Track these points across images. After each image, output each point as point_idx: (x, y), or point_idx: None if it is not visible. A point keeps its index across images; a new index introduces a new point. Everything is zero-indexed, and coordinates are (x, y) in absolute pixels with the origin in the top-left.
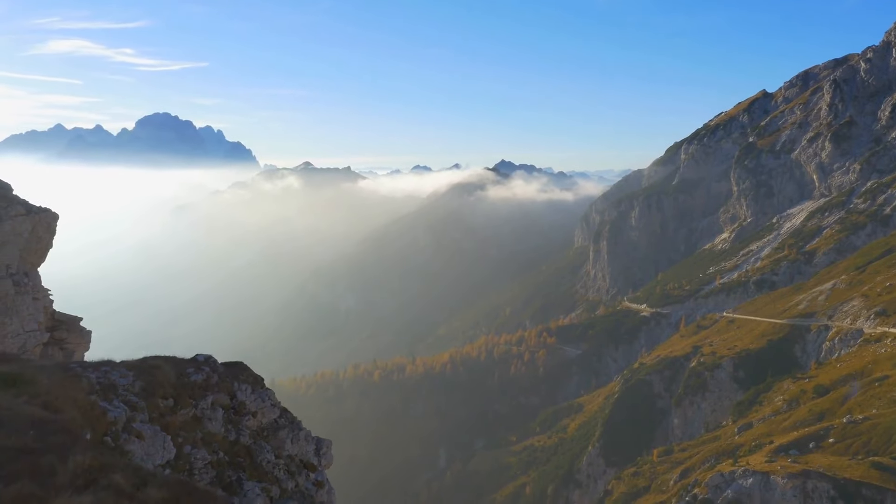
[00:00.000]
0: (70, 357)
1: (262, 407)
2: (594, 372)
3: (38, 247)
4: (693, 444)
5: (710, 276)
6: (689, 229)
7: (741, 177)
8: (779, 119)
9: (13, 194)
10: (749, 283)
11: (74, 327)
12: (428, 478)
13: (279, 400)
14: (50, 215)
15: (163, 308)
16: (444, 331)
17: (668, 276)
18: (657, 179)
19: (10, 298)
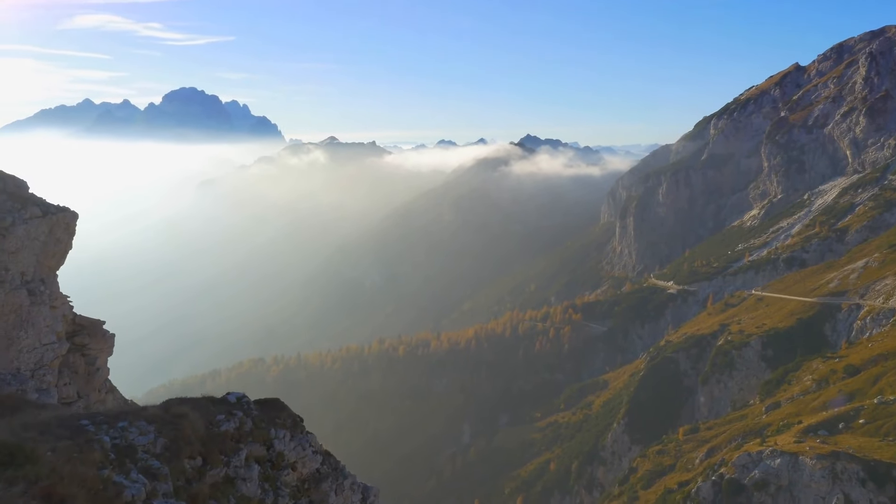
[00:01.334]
0: (92, 363)
1: (302, 456)
2: (620, 349)
3: (57, 250)
4: (719, 422)
5: (739, 254)
6: (717, 205)
7: (772, 152)
8: (812, 93)
9: (29, 193)
10: (779, 260)
11: (96, 332)
12: (452, 453)
13: (320, 443)
14: (69, 215)
15: (189, 283)
16: (469, 306)
17: (696, 253)
18: (685, 154)
19: (25, 310)
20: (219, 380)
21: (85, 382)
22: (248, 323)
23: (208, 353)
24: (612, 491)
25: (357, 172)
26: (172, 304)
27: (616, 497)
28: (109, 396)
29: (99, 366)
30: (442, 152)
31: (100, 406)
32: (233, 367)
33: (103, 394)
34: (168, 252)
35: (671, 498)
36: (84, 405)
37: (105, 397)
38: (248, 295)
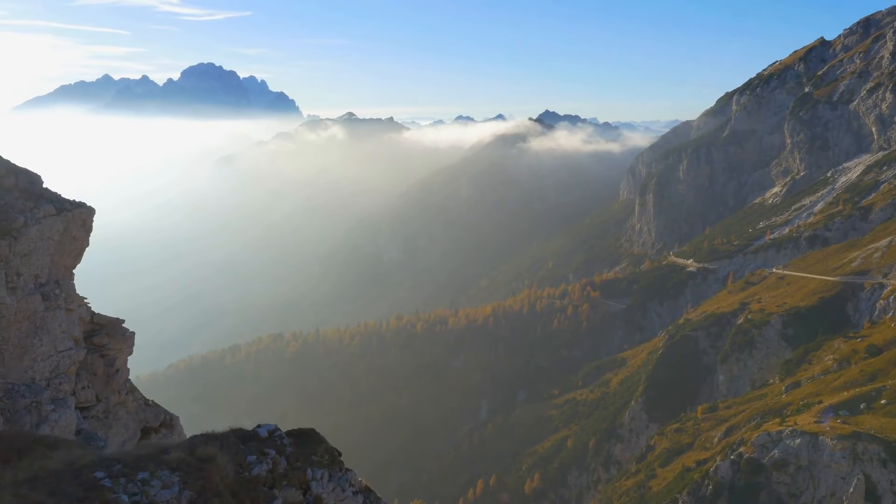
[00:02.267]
0: (112, 364)
1: (341, 498)
2: (638, 327)
3: (72, 248)
4: (739, 401)
5: (760, 232)
6: (738, 183)
7: (795, 129)
8: (837, 68)
9: (42, 188)
10: (801, 238)
11: (115, 331)
12: (469, 429)
13: (359, 479)
14: (85, 211)
15: (208, 259)
16: (486, 283)
17: (717, 231)
18: (707, 131)
19: (40, 316)
20: (238, 355)
21: (104, 384)
22: (266, 298)
23: (227, 327)
24: (630, 468)
25: (375, 148)
26: (191, 280)
27: (633, 475)
28: (130, 397)
29: (119, 366)
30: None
31: (120, 409)
32: (252, 343)
33: (123, 395)
34: (187, 228)
35: (689, 476)
36: (104, 408)
37: (125, 399)
38: (267, 270)
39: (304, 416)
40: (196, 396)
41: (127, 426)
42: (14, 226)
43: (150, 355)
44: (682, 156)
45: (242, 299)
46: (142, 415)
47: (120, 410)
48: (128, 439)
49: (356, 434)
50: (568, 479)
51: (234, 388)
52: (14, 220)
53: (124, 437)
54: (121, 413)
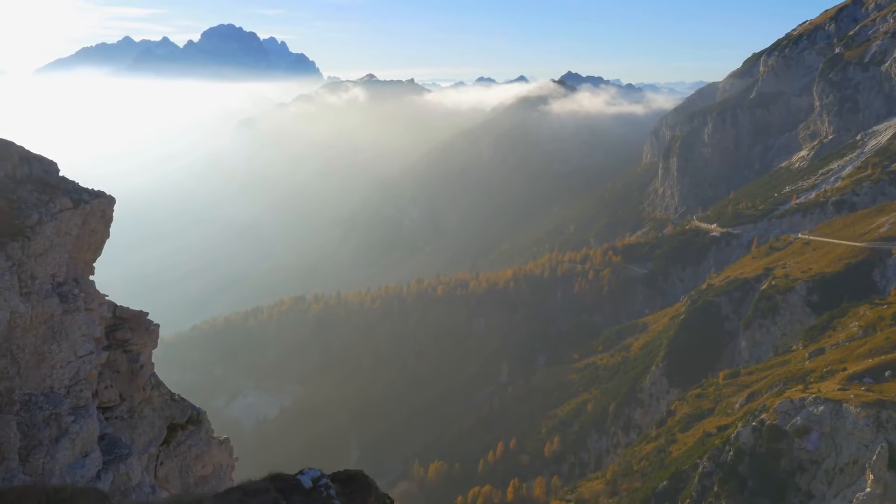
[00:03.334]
0: (136, 360)
1: None
2: (660, 292)
3: (92, 241)
4: (761, 367)
5: (786, 196)
6: (765, 146)
7: (824, 90)
8: (869, 28)
9: (58, 177)
10: (827, 203)
11: (139, 325)
12: (489, 392)
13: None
14: (105, 201)
15: (230, 222)
16: (507, 246)
17: (741, 195)
18: (733, 93)
19: (57, 320)
20: (261, 317)
21: (128, 382)
22: (288, 261)
23: (249, 290)
24: (650, 433)
25: (396, 110)
26: (213, 244)
27: (653, 439)
28: (155, 393)
29: (143, 362)
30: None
31: (145, 406)
32: (274, 305)
33: (148, 391)
34: (208, 191)
35: (710, 442)
36: (128, 408)
37: (150, 395)
38: (288, 233)
39: (326, 378)
40: (220, 358)
41: (153, 424)
42: (28, 223)
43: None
44: (707, 118)
45: (264, 262)
46: (167, 411)
47: (145, 408)
48: (154, 438)
49: (377, 396)
50: (587, 443)
51: (256, 350)
52: (27, 218)
53: (150, 436)
54: (146, 411)
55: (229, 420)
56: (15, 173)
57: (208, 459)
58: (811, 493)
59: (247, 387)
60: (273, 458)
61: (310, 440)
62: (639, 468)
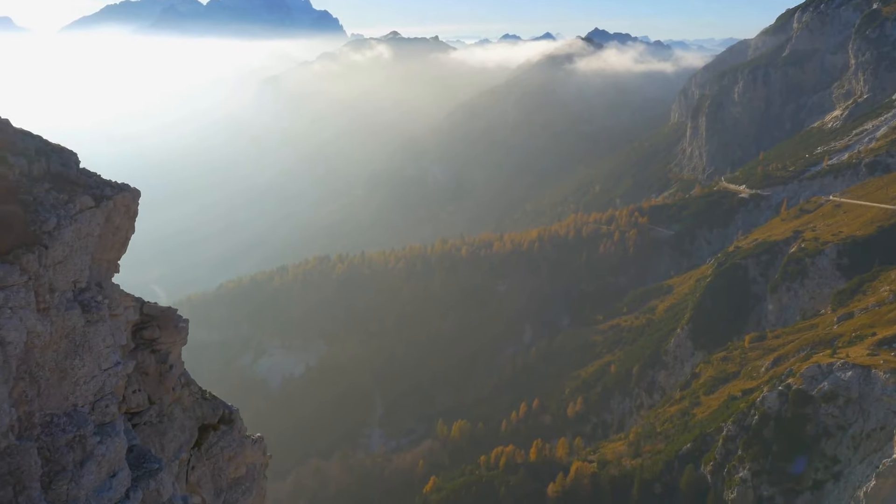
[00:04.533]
0: (164, 360)
1: None
2: (686, 254)
3: (116, 240)
4: (788, 331)
5: (818, 157)
6: (797, 105)
7: (861, 48)
8: None
9: (78, 171)
10: (860, 164)
11: (167, 322)
12: (512, 353)
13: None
14: (129, 195)
15: (254, 181)
16: (532, 206)
17: (771, 156)
18: (765, 51)
19: (80, 332)
20: (286, 276)
21: (156, 384)
22: (312, 220)
23: (274, 249)
24: (674, 395)
25: (420, 69)
26: (238, 203)
27: (677, 402)
28: (185, 392)
29: (172, 362)
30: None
31: (175, 408)
32: (299, 265)
33: (178, 391)
34: (231, 151)
35: (734, 405)
36: (157, 412)
37: (181, 394)
38: (312, 192)
39: (350, 338)
40: (246, 316)
41: (183, 427)
42: (45, 229)
43: (200, 276)
44: (737, 77)
45: (288, 222)
46: (198, 410)
47: (175, 409)
48: (184, 443)
49: (401, 356)
50: (610, 404)
51: (282, 309)
52: (44, 222)
53: (181, 440)
54: (176, 412)
55: (256, 378)
56: (31, 170)
57: (241, 460)
58: (836, 458)
59: (273, 345)
60: (299, 416)
61: (335, 398)
62: (662, 430)
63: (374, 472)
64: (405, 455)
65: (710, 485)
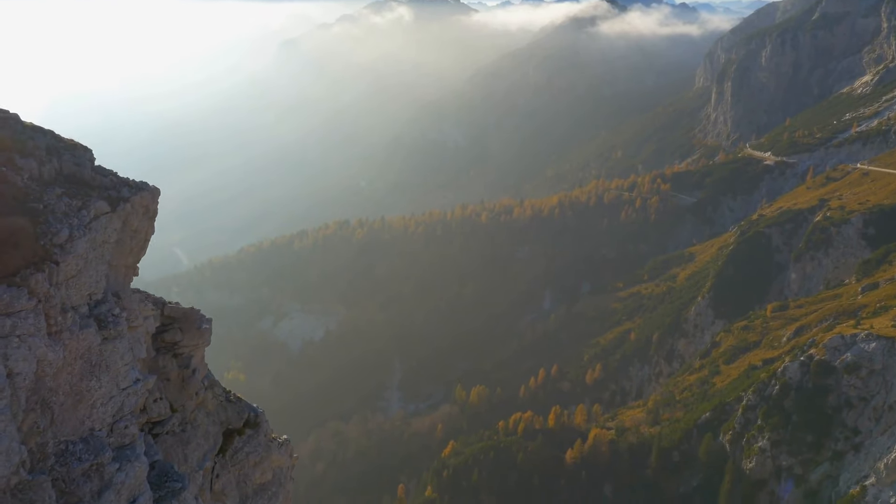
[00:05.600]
0: (187, 364)
1: None
2: (709, 222)
3: (134, 243)
4: (811, 301)
5: (846, 124)
6: (825, 70)
7: (894, 11)
8: None
9: (92, 170)
10: (890, 132)
11: (190, 324)
12: (532, 319)
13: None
14: (148, 195)
15: (273, 145)
16: (552, 172)
17: (798, 122)
18: (794, 13)
19: (96, 352)
20: (306, 240)
21: (179, 390)
22: (332, 184)
23: (294, 213)
24: (693, 363)
25: (441, 31)
26: (258, 166)
27: (697, 370)
28: (209, 395)
29: (195, 366)
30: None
31: (199, 413)
32: (319, 229)
33: (201, 394)
34: (250, 114)
35: (755, 375)
36: (180, 419)
37: (205, 398)
38: (332, 156)
39: (370, 303)
40: (266, 280)
41: (207, 434)
42: (56, 242)
43: (221, 239)
44: (765, 41)
45: (307, 185)
46: (223, 414)
47: (199, 415)
48: (208, 450)
49: (420, 321)
50: (629, 371)
51: (302, 273)
52: (55, 235)
53: (205, 448)
54: (199, 418)
55: (276, 341)
56: (42, 172)
57: (268, 465)
58: (857, 429)
59: (293, 309)
60: (318, 379)
61: (354, 363)
62: (681, 399)
63: (393, 436)
64: (424, 419)
65: (728, 454)
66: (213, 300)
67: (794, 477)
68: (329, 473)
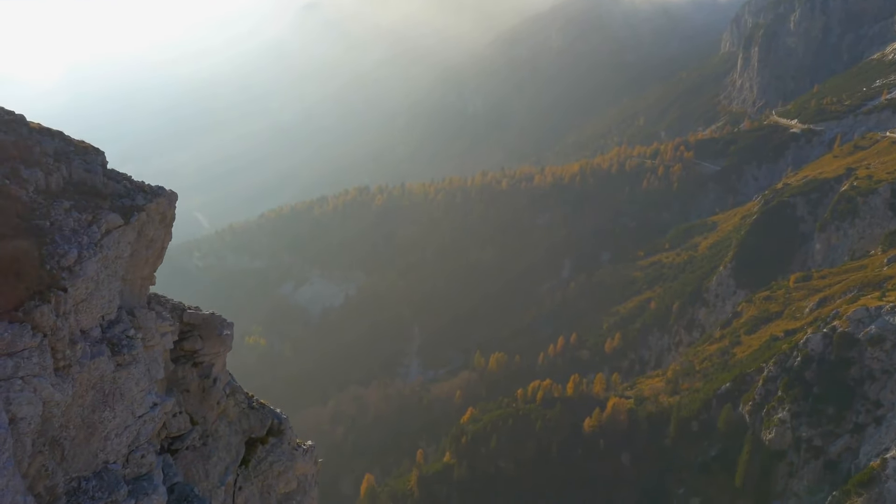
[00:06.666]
0: (208, 374)
1: None
2: (732, 190)
3: (150, 253)
4: (835, 272)
5: (876, 91)
6: (856, 36)
7: None
8: None
9: (104, 175)
10: None
11: (210, 330)
12: (551, 287)
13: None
14: (164, 200)
15: (293, 110)
16: (574, 138)
17: (826, 89)
18: None
19: (109, 380)
20: (326, 207)
21: (199, 402)
22: (352, 149)
23: (314, 178)
24: (714, 334)
25: None
26: (278, 132)
27: (717, 340)
28: (231, 402)
29: (216, 374)
30: None
31: (220, 423)
32: (339, 195)
33: (223, 403)
34: (270, 77)
35: (776, 346)
36: (200, 433)
37: (226, 406)
38: (352, 121)
39: (389, 269)
40: (287, 245)
41: (229, 445)
42: (64, 265)
43: (241, 204)
44: (794, 4)
45: (327, 151)
46: (245, 423)
47: (220, 426)
48: (231, 463)
49: (440, 288)
50: (649, 341)
51: (322, 239)
52: (63, 256)
53: (227, 462)
54: (221, 429)
55: (296, 306)
56: (49, 183)
57: (292, 475)
58: (879, 402)
59: (313, 274)
60: (338, 345)
61: (373, 329)
62: (701, 368)
63: (412, 402)
64: (442, 385)
65: (747, 425)
66: (234, 265)
67: (813, 448)
68: (349, 437)
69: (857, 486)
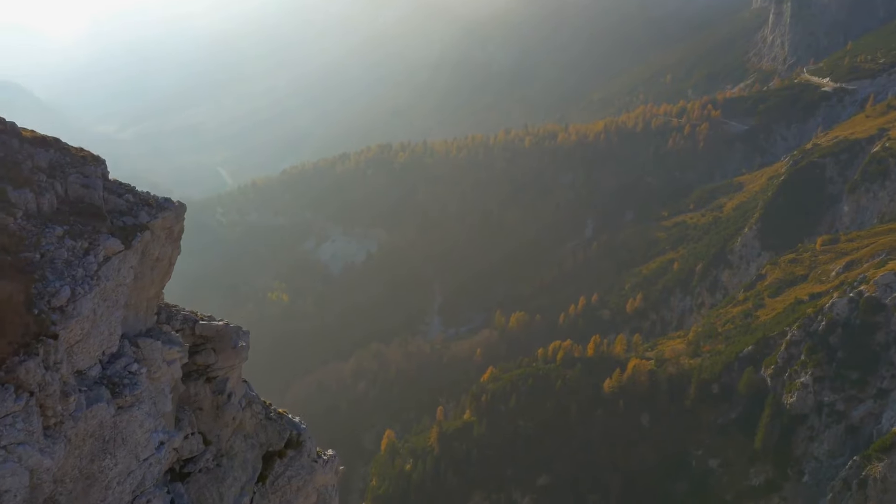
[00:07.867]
0: (222, 389)
1: None
2: (760, 150)
3: (155, 274)
4: (863, 235)
5: None
6: None
7: None
8: None
9: (105, 187)
10: None
11: (224, 342)
12: (573, 246)
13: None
14: (171, 215)
15: (313, 65)
16: (599, 96)
17: (860, 46)
18: None
19: (109, 426)
20: (347, 163)
21: (213, 419)
22: (373, 105)
23: (335, 134)
24: (737, 295)
25: None
26: (299, 87)
27: (741, 302)
28: (247, 414)
29: (231, 389)
30: None
31: (236, 438)
32: (361, 152)
33: (239, 416)
34: (291, 31)
35: (801, 309)
36: (214, 453)
37: (242, 418)
38: (373, 76)
39: (411, 227)
40: (309, 202)
41: (245, 463)
42: (56, 304)
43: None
44: None
45: (350, 105)
46: (262, 436)
47: (235, 441)
48: (247, 482)
49: (461, 246)
50: (671, 302)
51: (344, 196)
52: (55, 296)
53: (242, 481)
54: (236, 446)
55: (319, 263)
56: (40, 205)
57: (311, 489)
58: None
59: (335, 231)
60: (360, 301)
61: (394, 286)
62: (723, 331)
63: (433, 359)
64: (463, 344)
65: (769, 388)
66: (256, 221)
67: (835, 413)
68: (370, 392)
69: (879, 451)
